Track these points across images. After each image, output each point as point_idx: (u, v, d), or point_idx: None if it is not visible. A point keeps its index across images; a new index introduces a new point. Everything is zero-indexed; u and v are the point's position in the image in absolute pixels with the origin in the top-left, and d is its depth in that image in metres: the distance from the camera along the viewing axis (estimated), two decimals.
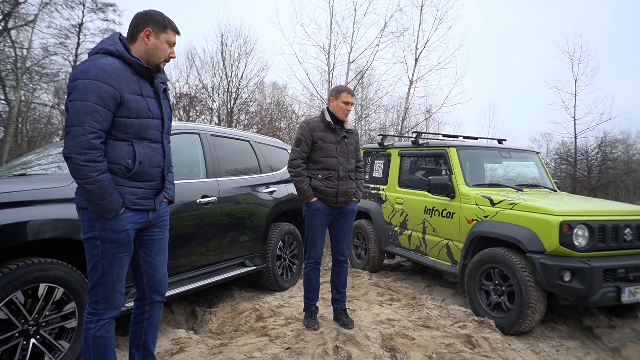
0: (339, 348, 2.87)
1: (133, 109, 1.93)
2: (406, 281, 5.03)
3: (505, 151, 4.58)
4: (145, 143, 2.00)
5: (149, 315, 2.22)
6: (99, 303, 1.95)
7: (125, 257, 1.99)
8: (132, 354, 2.23)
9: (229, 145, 4.26)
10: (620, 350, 3.20)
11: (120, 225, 1.93)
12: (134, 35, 1.99)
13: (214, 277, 3.76)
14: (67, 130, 1.79)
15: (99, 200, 1.83)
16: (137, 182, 1.98)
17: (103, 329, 1.96)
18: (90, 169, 1.78)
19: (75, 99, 1.79)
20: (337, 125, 3.32)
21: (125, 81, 1.90)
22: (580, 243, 3.14)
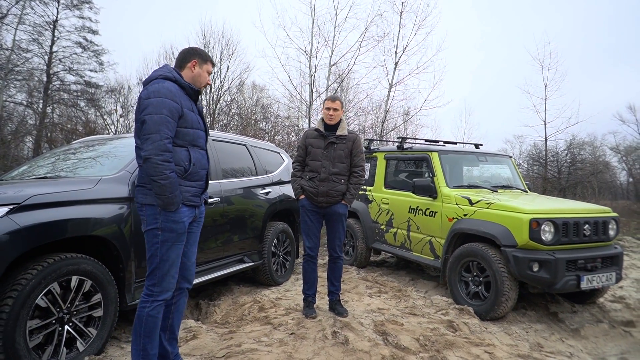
0: (337, 333, 3.21)
1: (189, 121, 2.37)
2: (392, 275, 5.42)
3: (482, 155, 5.03)
4: (196, 149, 2.43)
5: (177, 301, 2.52)
6: (155, 286, 2.28)
7: (180, 245, 2.35)
8: (160, 336, 2.47)
9: (227, 149, 4.55)
10: (579, 330, 3.66)
11: (179, 217, 2.30)
12: (182, 65, 2.47)
13: (217, 272, 4.05)
14: (147, 137, 2.18)
15: (168, 194, 2.19)
16: (190, 182, 2.38)
17: (155, 310, 2.29)
18: (165, 167, 2.17)
19: (151, 113, 2.20)
20: (328, 132, 3.67)
21: (183, 99, 2.36)
22: (547, 238, 3.58)
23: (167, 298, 2.34)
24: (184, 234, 2.36)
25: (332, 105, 3.60)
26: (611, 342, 3.52)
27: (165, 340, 2.50)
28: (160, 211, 2.25)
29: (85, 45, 16.19)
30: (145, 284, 2.32)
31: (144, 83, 2.36)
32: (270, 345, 2.99)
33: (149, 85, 2.28)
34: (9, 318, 2.25)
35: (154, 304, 2.29)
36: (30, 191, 2.52)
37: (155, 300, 2.29)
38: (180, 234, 2.33)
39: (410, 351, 3.02)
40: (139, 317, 2.29)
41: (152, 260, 2.29)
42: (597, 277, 3.64)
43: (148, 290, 2.30)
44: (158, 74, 2.36)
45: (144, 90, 2.30)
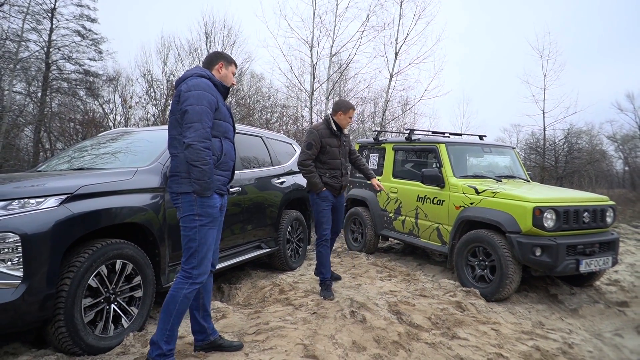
0: (355, 312, 3.47)
1: (223, 114, 2.58)
2: (400, 261, 5.70)
3: (487, 147, 5.27)
4: (227, 141, 2.63)
5: (206, 282, 2.70)
6: (194, 269, 2.44)
7: (215, 230, 2.53)
8: (194, 315, 2.71)
9: (245, 141, 4.77)
10: (577, 310, 3.94)
11: (214, 202, 2.49)
12: (210, 67, 2.68)
13: (238, 257, 4.31)
14: (190, 126, 2.35)
15: (207, 179, 2.35)
16: (220, 171, 2.56)
17: (192, 292, 2.46)
18: (207, 153, 2.35)
19: (193, 104, 2.38)
20: (339, 132, 4.09)
21: (217, 95, 2.56)
22: (549, 224, 3.84)
23: (204, 281, 2.50)
24: (218, 218, 2.55)
25: (354, 113, 4.12)
26: (607, 320, 3.80)
27: (200, 318, 2.69)
28: (196, 198, 2.39)
29: (84, 34, 16.15)
30: (182, 268, 2.46)
31: (179, 81, 2.55)
32: (295, 323, 3.25)
33: (189, 81, 2.47)
34: (67, 296, 2.50)
35: (192, 286, 2.44)
36: (78, 182, 2.75)
37: (194, 282, 2.44)
38: (216, 219, 2.51)
39: (423, 328, 3.29)
40: (174, 297, 2.41)
41: (190, 244, 2.43)
42: (595, 261, 3.92)
43: (186, 273, 2.44)
44: (193, 72, 2.55)
45: (183, 84, 2.47)
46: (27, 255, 2.34)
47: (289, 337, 2.95)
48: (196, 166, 2.33)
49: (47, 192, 2.56)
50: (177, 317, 2.41)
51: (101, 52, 16.67)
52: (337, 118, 4.05)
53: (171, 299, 2.42)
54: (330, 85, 18.01)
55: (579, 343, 3.19)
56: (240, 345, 2.77)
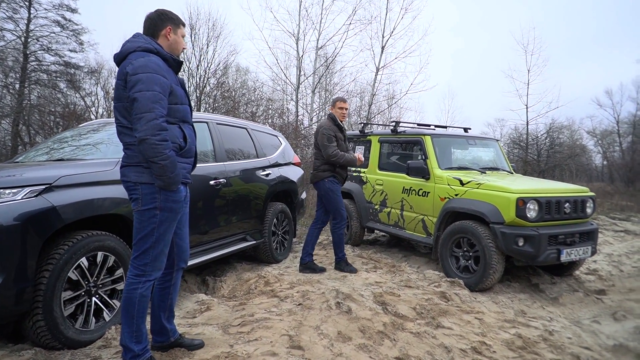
0: (340, 304, 3.48)
1: (178, 96, 2.29)
2: (385, 252, 5.73)
3: (471, 139, 5.32)
4: (187, 125, 2.36)
5: (175, 281, 2.54)
6: (147, 265, 2.23)
7: (175, 224, 2.32)
8: (159, 316, 2.50)
9: (230, 133, 4.72)
10: (558, 299, 4.02)
11: (179, 196, 2.30)
12: (155, 33, 2.29)
13: (223, 249, 4.27)
14: (140, 117, 2.06)
15: (169, 174, 2.13)
16: (185, 159, 2.34)
17: (148, 289, 2.27)
18: (164, 147, 2.09)
19: (142, 90, 2.07)
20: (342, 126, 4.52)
21: (169, 73, 2.24)
22: (532, 215, 3.90)
23: (158, 277, 2.32)
24: (181, 211, 2.34)
25: (345, 105, 4.49)
26: (585, 308, 3.89)
27: (164, 320, 2.51)
28: (159, 190, 2.18)
29: (63, 24, 15.69)
30: (133, 265, 2.25)
31: (120, 58, 2.20)
32: (280, 315, 3.24)
33: (134, 60, 2.12)
34: (46, 289, 2.44)
35: (146, 283, 2.24)
36: (57, 172, 2.69)
37: (148, 280, 2.25)
38: (179, 213, 2.31)
39: (408, 318, 3.31)
40: (131, 298, 2.21)
41: (146, 239, 2.21)
42: (575, 250, 3.99)
43: (139, 271, 2.23)
44: (135, 45, 2.18)
45: (128, 65, 2.12)
46: (1, 248, 2.27)
47: (274, 328, 2.94)
48: (155, 162, 2.10)
49: (24, 183, 2.49)
50: (140, 317, 2.25)
51: (82, 43, 16.23)
52: (334, 112, 4.48)
53: (128, 301, 2.23)
54: (316, 78, 17.96)
55: (559, 330, 3.25)
56: (201, 343, 2.62)
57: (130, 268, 2.27)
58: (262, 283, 4.10)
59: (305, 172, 6.32)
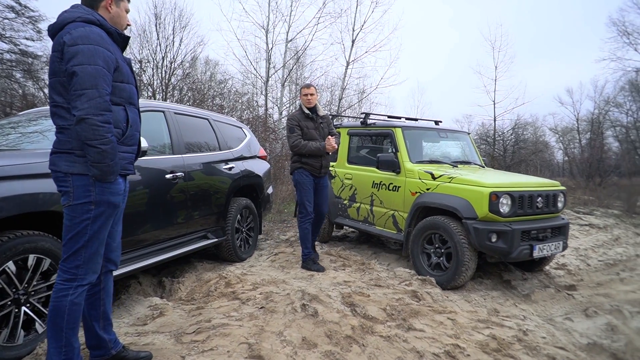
0: (306, 306, 3.25)
1: (125, 74, 2.05)
2: (354, 249, 5.53)
3: (443, 132, 5.17)
4: (132, 108, 2.12)
5: (105, 285, 2.23)
6: (79, 268, 1.94)
7: (111, 221, 2.05)
8: (93, 327, 2.19)
9: (190, 123, 4.39)
10: (530, 295, 3.92)
11: (118, 188, 2.03)
12: (94, 4, 2.02)
13: (181, 248, 3.95)
14: (80, 93, 1.81)
15: (109, 161, 1.88)
16: (126, 147, 2.08)
17: (80, 296, 1.97)
18: (106, 129, 1.85)
19: (83, 63, 1.82)
20: (313, 114, 4.38)
21: (114, 48, 1.99)
22: (505, 210, 3.77)
23: (92, 281, 2.02)
24: (119, 206, 2.07)
25: (308, 91, 4.35)
26: (557, 305, 3.80)
27: (100, 330, 2.21)
28: (94, 182, 1.92)
29: (18, 10, 14.70)
30: (62, 268, 1.96)
31: (56, 29, 1.92)
32: (240, 320, 2.98)
33: (72, 29, 1.86)
34: None
35: (78, 289, 1.95)
36: None
37: (80, 285, 1.96)
38: (117, 208, 2.04)
39: (378, 320, 3.11)
40: (59, 308, 1.92)
41: (77, 238, 1.93)
42: (547, 246, 3.90)
43: (70, 275, 1.94)
44: (74, 15, 1.91)
45: (65, 34, 1.86)
46: None
47: (233, 335, 2.68)
48: (94, 146, 1.84)
49: None
50: (70, 329, 1.95)
51: (40, 31, 15.17)
52: (301, 100, 4.42)
53: (56, 311, 1.93)
54: (286, 71, 17.62)
55: (533, 329, 3.13)
56: (148, 355, 2.34)
57: (59, 272, 1.98)
58: (223, 284, 3.82)
59: (273, 166, 6.08)
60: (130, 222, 3.29)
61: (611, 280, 4.69)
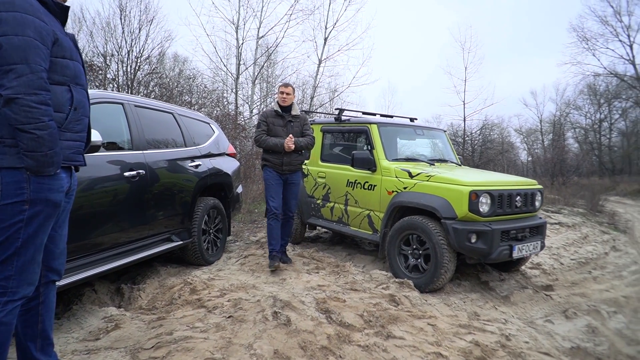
0: (278, 313, 3.01)
1: (67, 49, 1.77)
2: (328, 251, 5.33)
3: (419, 129, 5.03)
4: (78, 88, 1.84)
5: (45, 298, 1.92)
6: (10, 280, 1.65)
7: (52, 223, 1.77)
8: (27, 348, 1.88)
9: (153, 117, 4.07)
10: (509, 297, 3.82)
11: (59, 184, 1.74)
12: None
13: (141, 253, 3.64)
14: (7, 69, 1.54)
15: (47, 150, 1.61)
16: (71, 134, 1.81)
17: (11, 314, 1.67)
18: (43, 112, 1.59)
19: (8, 33, 1.54)
20: (284, 113, 4.35)
21: (50, 19, 1.72)
22: (484, 209, 3.65)
23: (28, 295, 1.72)
24: (61, 206, 1.79)
25: (285, 90, 4.33)
26: (536, 306, 3.72)
27: (36, 351, 1.90)
28: (29, 177, 1.64)
29: None
30: None
31: None
32: (206, 331, 2.72)
33: None
34: None
35: (7, 306, 1.65)
36: None
37: (11, 300, 1.66)
38: (58, 207, 1.76)
39: (355, 328, 2.92)
40: None
41: (8, 245, 1.64)
42: (526, 246, 3.81)
43: None
44: None
45: None
46: None
47: (197, 350, 2.42)
48: (27, 132, 1.57)
49: None
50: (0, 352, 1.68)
51: None
52: (277, 98, 4.39)
53: None
54: (257, 69, 17.28)
55: (516, 334, 3.01)
56: None
57: None
58: (188, 291, 3.53)
59: (243, 164, 5.81)
60: (84, 224, 2.99)
61: (585, 279, 4.68)
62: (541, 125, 37.77)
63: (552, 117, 36.26)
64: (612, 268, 5.25)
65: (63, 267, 2.02)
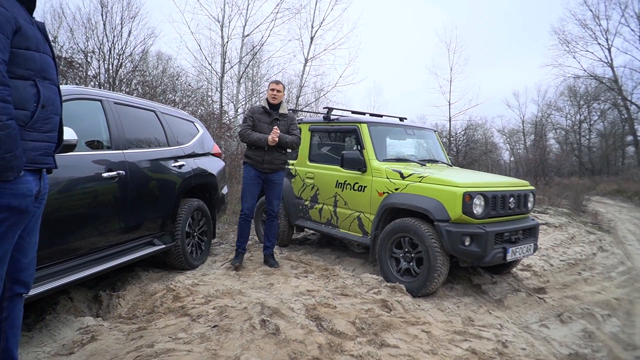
0: (266, 321, 2.87)
1: (32, 39, 1.60)
2: (316, 254, 5.19)
3: (410, 128, 4.93)
4: (47, 83, 1.67)
5: (9, 313, 1.75)
6: None
7: (18, 232, 1.62)
8: None
9: (134, 115, 3.87)
10: (502, 301, 3.74)
11: (25, 188, 1.58)
12: None
13: (121, 258, 3.44)
14: None
15: (4, 154, 1.46)
16: (37, 133, 1.64)
17: None
18: (2, 109, 1.44)
19: None
20: (272, 110, 4.30)
21: (10, 3, 1.55)
22: (478, 211, 3.55)
23: None
24: (29, 213, 1.64)
25: (277, 87, 4.26)
26: (530, 310, 3.65)
27: None
28: None
29: None
30: None
31: None
32: (189, 343, 2.56)
33: None
34: None
35: None
36: None
37: None
38: (26, 214, 1.62)
39: (347, 336, 2.79)
40: None
41: None
42: (520, 248, 3.73)
43: None
44: None
45: None
46: None
47: None
48: None
49: None
50: None
51: None
52: (267, 95, 4.32)
53: None
54: (242, 68, 17.04)
55: (512, 340, 2.92)
56: None
57: None
58: (171, 297, 3.36)
59: (228, 164, 5.64)
60: (59, 229, 2.80)
61: (576, 280, 4.64)
62: (523, 126, 38.33)
63: (534, 118, 36.84)
64: (600, 269, 5.23)
65: (32, 279, 1.84)
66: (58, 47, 13.63)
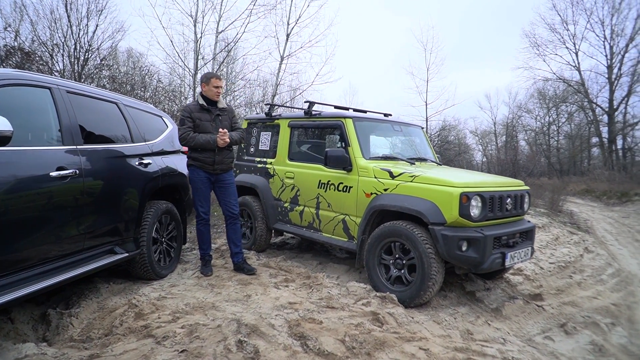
0: (243, 342, 2.49)
1: None
2: (296, 259, 4.82)
3: (397, 125, 4.62)
4: None
5: None
6: None
7: None
8: None
9: (91, 107, 3.42)
10: (500, 310, 3.47)
11: None
12: None
13: (75, 270, 2.97)
14: None
15: None
16: None
17: None
18: None
19: None
20: (211, 106, 3.98)
21: None
22: (475, 213, 3.26)
23: None
24: None
25: (220, 83, 3.96)
26: (530, 320, 3.39)
27: None
28: None
29: None
30: None
31: None
32: None
33: None
34: None
35: None
36: None
37: None
38: None
39: (337, 357, 2.45)
40: None
41: None
42: (518, 253, 3.47)
43: None
44: None
45: None
46: None
47: None
48: None
49: None
50: None
51: None
52: (205, 92, 3.98)
53: None
54: (217, 65, 16.47)
55: (518, 357, 2.63)
56: None
57: None
58: (133, 315, 2.93)
59: None
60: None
61: (569, 285, 4.44)
62: (495, 127, 38.95)
63: (505, 120, 37.49)
64: (590, 271, 5.06)
65: None
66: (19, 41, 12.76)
